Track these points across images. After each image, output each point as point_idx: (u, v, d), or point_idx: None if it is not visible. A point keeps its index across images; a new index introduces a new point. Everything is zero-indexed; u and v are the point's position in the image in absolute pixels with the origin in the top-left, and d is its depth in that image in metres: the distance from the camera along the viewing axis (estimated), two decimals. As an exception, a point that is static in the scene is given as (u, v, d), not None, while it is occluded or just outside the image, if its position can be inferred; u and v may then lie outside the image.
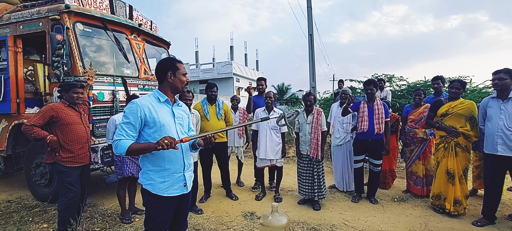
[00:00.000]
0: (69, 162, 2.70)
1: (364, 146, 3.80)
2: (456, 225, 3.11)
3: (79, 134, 2.78)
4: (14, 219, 3.35)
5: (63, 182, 2.71)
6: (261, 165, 3.96)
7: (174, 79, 1.77)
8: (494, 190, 3.06)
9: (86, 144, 2.85)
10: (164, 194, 1.75)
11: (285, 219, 2.41)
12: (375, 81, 3.88)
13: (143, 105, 1.69)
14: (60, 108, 2.72)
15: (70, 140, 2.70)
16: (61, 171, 2.69)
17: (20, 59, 3.93)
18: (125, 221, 3.24)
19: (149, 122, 1.69)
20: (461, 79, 3.47)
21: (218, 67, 26.00)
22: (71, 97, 2.79)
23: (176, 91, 1.82)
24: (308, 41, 10.15)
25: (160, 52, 5.22)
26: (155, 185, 1.74)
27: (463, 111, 3.25)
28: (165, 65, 1.79)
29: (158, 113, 1.71)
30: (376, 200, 3.76)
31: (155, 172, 1.74)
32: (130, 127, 1.68)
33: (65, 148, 2.69)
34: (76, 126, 2.77)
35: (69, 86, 2.82)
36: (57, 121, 2.67)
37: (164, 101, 1.77)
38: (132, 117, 1.67)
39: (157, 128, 1.70)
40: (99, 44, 4.00)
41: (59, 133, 2.68)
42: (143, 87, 4.27)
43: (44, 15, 3.62)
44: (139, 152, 1.67)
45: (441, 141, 3.41)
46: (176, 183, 1.79)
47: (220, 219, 3.36)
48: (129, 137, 1.67)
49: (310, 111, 3.72)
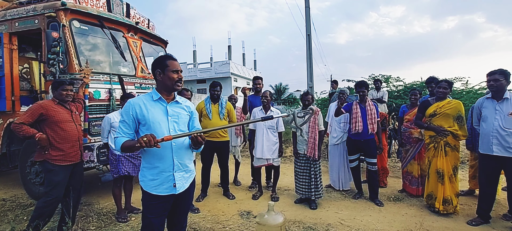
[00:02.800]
0: (58, 160, 2.64)
1: (357, 145, 3.85)
2: (451, 224, 3.13)
3: (70, 132, 2.71)
4: (9, 218, 3.32)
5: (50, 181, 2.65)
6: (258, 164, 3.95)
7: (163, 77, 1.77)
8: (489, 190, 3.08)
9: (77, 142, 2.79)
10: (153, 192, 1.77)
11: (281, 218, 2.41)
12: (367, 83, 3.95)
13: (135, 104, 1.75)
14: (50, 106, 2.66)
15: (60, 138, 2.65)
16: (50, 170, 2.63)
17: (15, 57, 3.90)
18: (121, 220, 3.23)
19: (141, 120, 1.74)
20: (448, 80, 3.51)
21: (216, 67, 25.96)
22: (60, 94, 2.72)
23: (167, 89, 1.80)
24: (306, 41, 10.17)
25: (158, 51, 5.20)
26: (146, 182, 1.78)
27: (451, 111, 3.29)
28: (154, 64, 1.83)
29: (149, 111, 1.74)
30: (381, 202, 3.73)
31: (147, 169, 1.78)
32: (125, 125, 1.75)
33: (55, 146, 2.63)
34: (67, 124, 2.71)
35: (58, 83, 2.75)
36: (46, 118, 2.61)
37: (157, 100, 1.79)
38: (125, 116, 1.75)
39: (148, 125, 1.74)
40: (96, 42, 3.98)
41: (49, 131, 2.62)
42: (140, 86, 4.25)
43: (40, 12, 3.59)
44: (128, 149, 1.72)
45: (431, 141, 3.44)
46: (165, 182, 1.77)
47: (216, 218, 3.36)
48: (125, 134, 1.74)
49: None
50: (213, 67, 26.24)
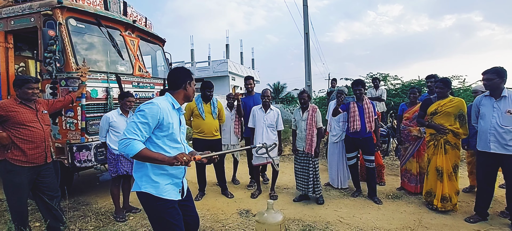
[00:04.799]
0: (19, 161, 2.50)
1: (355, 143, 3.89)
2: (449, 221, 3.15)
3: (34, 133, 2.55)
4: (6, 218, 3.29)
5: (10, 182, 2.53)
6: (257, 163, 3.96)
7: (189, 89, 1.86)
8: (487, 187, 3.10)
9: (42, 143, 2.61)
10: (170, 197, 1.73)
11: (280, 216, 2.41)
12: (363, 82, 3.98)
13: (163, 109, 1.69)
14: (9, 106, 2.49)
15: (22, 138, 2.50)
16: (9, 171, 2.50)
17: (11, 56, 3.85)
18: (119, 220, 3.21)
19: (164, 125, 1.69)
20: (444, 78, 3.52)
21: (214, 66, 25.88)
22: (25, 93, 2.54)
23: (187, 99, 1.89)
24: (304, 40, 10.17)
25: (155, 49, 5.17)
26: (161, 188, 1.70)
27: (452, 109, 3.30)
28: (184, 74, 1.85)
29: (172, 119, 1.74)
30: (379, 200, 3.75)
31: (158, 175, 1.71)
32: (146, 127, 1.64)
33: (17, 146, 2.49)
34: (30, 124, 2.54)
35: (22, 81, 2.56)
36: (7, 119, 2.47)
37: (177, 109, 1.82)
38: (151, 118, 1.64)
39: (169, 133, 1.72)
40: (93, 40, 3.94)
41: (12, 131, 2.48)
42: (138, 85, 4.22)
43: (36, 11, 3.55)
44: (150, 160, 1.63)
45: (431, 138, 3.46)
46: (176, 187, 1.80)
47: (216, 217, 3.35)
48: (143, 138, 1.64)
49: (306, 109, 3.78)
50: (211, 66, 26.16)
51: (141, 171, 1.72)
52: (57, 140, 3.47)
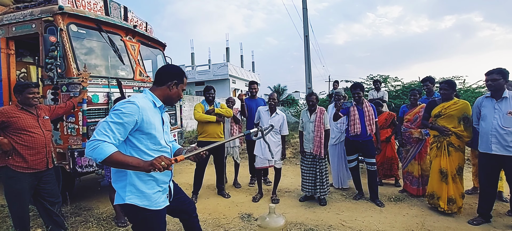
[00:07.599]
0: (20, 167, 2.50)
1: (356, 146, 3.89)
2: (452, 224, 3.13)
3: (35, 138, 2.54)
4: (8, 224, 3.28)
5: (12, 188, 2.53)
6: (259, 166, 3.96)
7: (174, 91, 1.65)
8: (489, 189, 3.09)
9: (43, 149, 2.61)
10: (159, 207, 1.58)
11: (282, 220, 2.40)
12: (362, 85, 4.00)
13: (143, 108, 1.48)
14: (11, 112, 2.50)
15: (23, 144, 2.49)
16: (11, 177, 2.50)
17: (12, 62, 3.86)
18: (121, 225, 3.20)
19: (144, 127, 1.49)
20: (449, 80, 3.51)
21: (214, 69, 25.92)
22: (26, 98, 2.54)
23: (171, 102, 1.68)
24: (304, 43, 10.18)
25: (156, 53, 5.18)
26: (149, 197, 1.54)
27: (456, 112, 3.28)
28: (174, 73, 1.66)
29: (153, 119, 1.55)
30: (382, 202, 3.73)
31: (145, 182, 1.53)
32: (120, 129, 1.41)
33: (18, 152, 2.49)
34: (31, 130, 2.54)
35: (22, 86, 2.56)
36: (9, 125, 2.47)
37: (159, 107, 1.62)
38: (127, 118, 1.42)
39: (151, 135, 1.53)
40: (94, 46, 3.95)
41: (13, 137, 2.49)
42: (139, 89, 4.23)
43: (37, 17, 3.57)
44: (123, 166, 1.38)
45: (434, 140, 3.46)
46: (164, 193, 1.66)
47: (217, 221, 3.34)
48: (116, 141, 1.40)
49: (313, 111, 3.82)
50: (211, 69, 26.20)
51: (123, 180, 1.52)
52: (59, 146, 3.47)
